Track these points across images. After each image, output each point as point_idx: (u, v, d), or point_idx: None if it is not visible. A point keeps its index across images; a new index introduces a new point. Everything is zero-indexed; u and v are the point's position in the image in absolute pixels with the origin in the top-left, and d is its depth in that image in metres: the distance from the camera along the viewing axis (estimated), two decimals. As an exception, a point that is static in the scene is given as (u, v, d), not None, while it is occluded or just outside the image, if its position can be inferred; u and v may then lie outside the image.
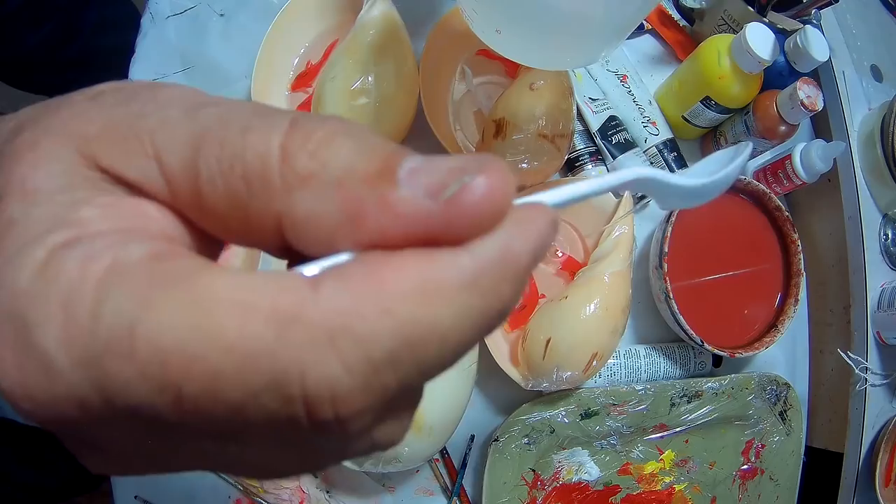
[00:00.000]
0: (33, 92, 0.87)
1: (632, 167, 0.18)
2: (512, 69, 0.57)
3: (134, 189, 0.13)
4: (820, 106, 0.52)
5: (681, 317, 0.53)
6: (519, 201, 0.13)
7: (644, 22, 0.64)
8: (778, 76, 0.55)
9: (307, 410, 0.11)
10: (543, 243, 0.12)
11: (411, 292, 0.11)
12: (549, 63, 0.40)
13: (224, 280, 0.11)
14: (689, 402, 0.55)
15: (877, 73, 0.63)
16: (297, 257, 0.13)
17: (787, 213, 0.57)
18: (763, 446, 0.58)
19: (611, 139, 0.58)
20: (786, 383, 0.58)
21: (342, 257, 0.12)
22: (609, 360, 0.55)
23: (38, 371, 0.11)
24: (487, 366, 0.51)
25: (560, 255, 0.56)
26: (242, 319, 0.10)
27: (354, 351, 0.11)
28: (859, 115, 0.60)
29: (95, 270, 0.11)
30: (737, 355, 0.54)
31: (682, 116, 0.59)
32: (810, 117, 0.61)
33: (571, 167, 0.59)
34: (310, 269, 0.12)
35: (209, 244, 0.14)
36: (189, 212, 0.13)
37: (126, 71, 0.58)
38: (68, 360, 0.11)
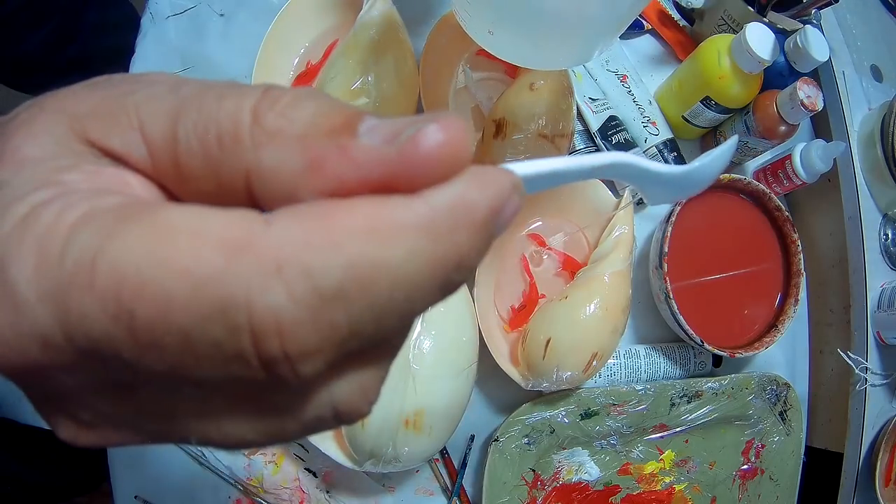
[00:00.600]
0: (33, 94, 0.87)
1: (613, 152, 0.18)
2: (512, 69, 0.57)
3: (119, 161, 0.14)
4: (820, 106, 0.52)
5: (681, 317, 0.53)
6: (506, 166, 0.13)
7: (644, 22, 0.65)
8: (778, 76, 0.55)
9: (253, 341, 0.11)
10: (503, 200, 0.13)
11: (363, 230, 0.11)
12: (544, 63, 0.40)
13: (181, 211, 0.11)
14: (689, 402, 0.55)
15: (877, 73, 0.63)
16: None
17: (787, 213, 0.57)
18: (763, 446, 0.58)
19: (611, 139, 0.58)
20: (786, 383, 0.58)
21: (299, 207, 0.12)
22: (609, 360, 0.55)
23: (7, 307, 0.11)
24: (487, 366, 0.51)
25: (555, 254, 0.56)
26: (194, 245, 0.11)
27: (301, 281, 0.11)
28: (859, 115, 0.60)
29: (71, 216, 0.11)
30: (737, 355, 0.54)
31: (682, 116, 0.59)
32: (810, 117, 0.61)
33: (571, 167, 0.59)
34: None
35: None
36: (167, 181, 0.14)
37: (126, 71, 0.58)
38: (35, 294, 0.11)
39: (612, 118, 0.59)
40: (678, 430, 0.56)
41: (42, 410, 0.14)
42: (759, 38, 0.51)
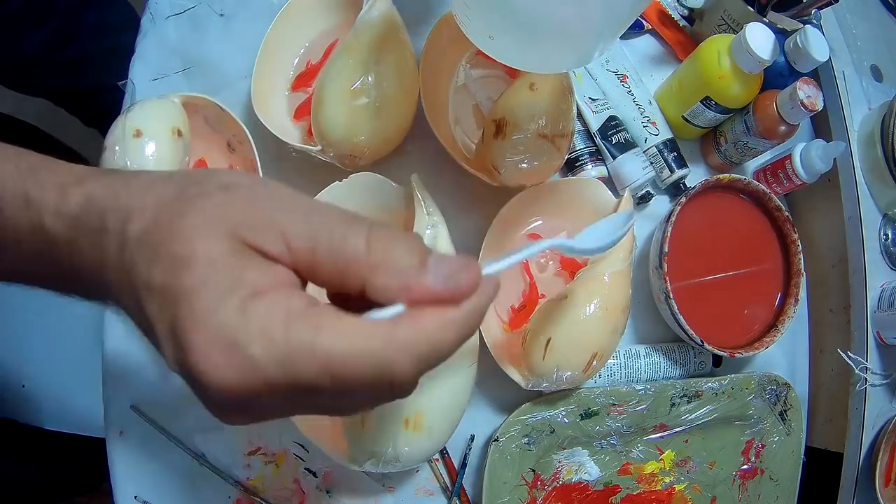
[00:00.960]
0: (32, 94, 0.86)
1: (545, 239, 0.30)
2: (512, 69, 0.57)
3: (269, 257, 0.22)
4: (820, 106, 0.52)
5: (681, 317, 0.53)
6: (484, 270, 0.24)
7: (644, 22, 0.65)
8: (778, 76, 0.55)
9: (391, 380, 0.21)
10: (492, 297, 0.24)
11: (435, 326, 0.22)
12: (544, 66, 0.40)
13: (355, 322, 0.21)
14: (689, 402, 0.55)
15: (877, 73, 0.63)
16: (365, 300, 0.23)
17: (787, 213, 0.57)
18: (763, 446, 0.58)
19: (611, 139, 0.58)
20: (786, 383, 0.58)
21: (398, 307, 0.22)
22: (609, 360, 0.55)
23: (248, 369, 0.20)
24: (487, 366, 0.51)
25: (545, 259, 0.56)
26: (368, 339, 0.21)
27: (414, 353, 0.21)
28: (859, 115, 0.60)
29: (278, 313, 0.20)
30: (737, 355, 0.54)
31: (682, 116, 0.59)
32: (810, 117, 0.61)
33: (571, 167, 0.59)
34: (380, 314, 0.22)
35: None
36: (304, 273, 0.23)
37: (125, 72, 0.58)
38: (270, 361, 0.20)
39: (612, 118, 0.59)
40: (678, 430, 0.56)
41: (220, 415, 0.22)
42: (759, 38, 0.51)
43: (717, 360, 0.59)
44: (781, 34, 0.55)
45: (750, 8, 0.56)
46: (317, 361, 0.20)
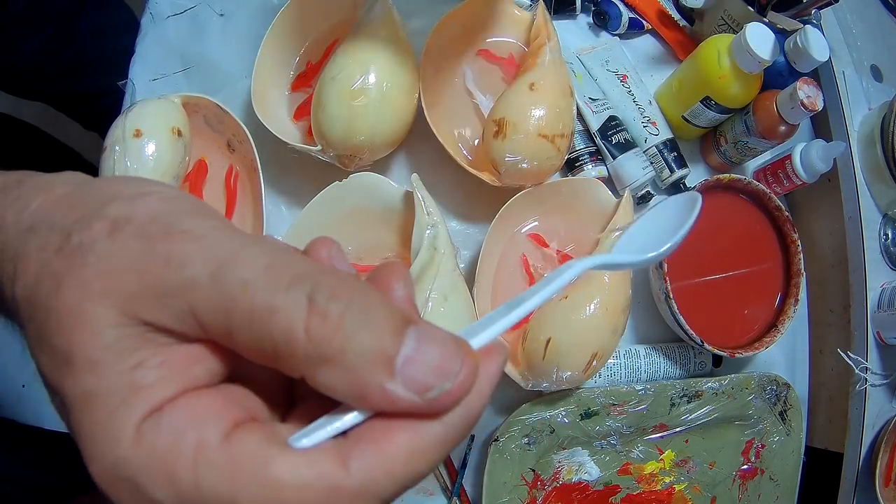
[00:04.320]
0: (31, 98, 0.86)
1: (580, 260, 0.21)
2: (512, 69, 0.57)
3: (173, 335, 0.16)
4: (820, 106, 0.52)
5: (681, 317, 0.53)
6: (479, 337, 0.18)
7: (644, 22, 0.65)
8: (778, 76, 0.55)
9: None
10: (493, 387, 0.18)
11: (404, 458, 0.16)
12: None
13: (286, 468, 0.15)
14: (689, 402, 0.55)
15: (877, 73, 0.63)
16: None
17: (787, 213, 0.57)
18: (763, 446, 0.58)
19: (611, 139, 0.58)
20: (786, 383, 0.58)
21: (352, 416, 0.16)
22: (609, 360, 0.55)
23: None
24: (487, 366, 0.51)
25: (555, 254, 0.56)
26: (302, 497, 0.15)
27: (372, 502, 0.16)
28: (859, 115, 0.60)
29: (185, 450, 0.15)
30: (737, 355, 0.54)
31: (682, 116, 0.59)
32: (810, 117, 0.61)
33: (571, 167, 0.59)
34: (330, 430, 0.16)
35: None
36: (222, 347, 0.17)
37: (124, 75, 0.58)
38: None
39: (612, 118, 0.59)
40: (678, 430, 0.56)
41: None
42: (759, 38, 0.51)
43: (717, 360, 0.59)
44: (781, 34, 0.55)
45: (750, 8, 0.56)
46: None
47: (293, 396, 0.20)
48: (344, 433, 0.17)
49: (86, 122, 0.93)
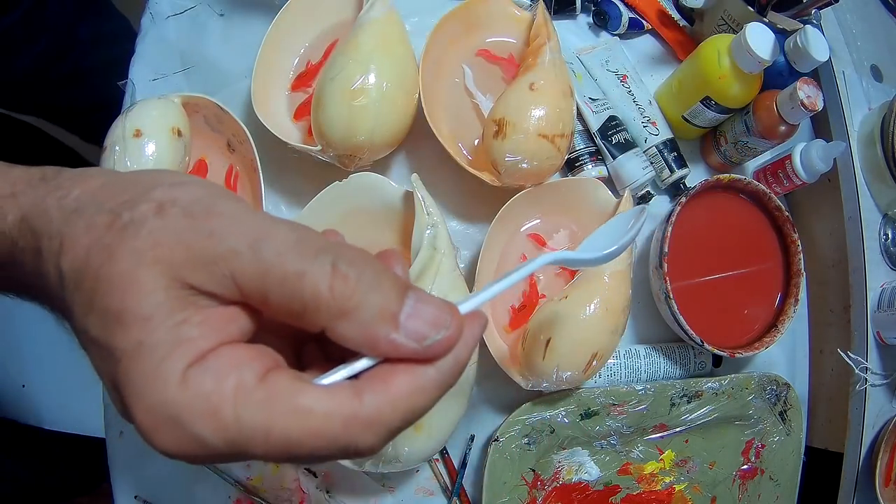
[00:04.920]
0: (26, 112, 0.85)
1: (544, 253, 0.27)
2: (512, 69, 0.57)
3: (214, 297, 0.19)
4: (820, 106, 0.52)
5: (681, 317, 0.53)
6: (464, 305, 0.22)
7: (644, 22, 0.65)
8: (778, 76, 0.55)
9: (355, 454, 0.20)
10: (476, 342, 0.22)
11: (406, 394, 0.20)
12: None
13: (312, 399, 0.19)
14: (689, 402, 0.55)
15: (877, 73, 0.63)
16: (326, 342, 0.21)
17: (787, 213, 0.57)
18: (763, 446, 0.58)
19: (611, 139, 0.58)
20: (786, 383, 0.58)
21: (363, 362, 0.20)
22: (609, 360, 0.55)
23: (196, 446, 0.18)
24: (487, 366, 0.51)
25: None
26: (327, 422, 0.19)
27: (381, 428, 0.19)
28: (859, 115, 0.60)
29: (226, 389, 0.18)
30: (737, 355, 0.54)
31: (682, 116, 0.59)
32: (810, 117, 0.61)
33: (571, 167, 0.59)
34: (345, 372, 0.20)
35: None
36: (258, 308, 0.20)
37: (125, 75, 0.57)
38: (220, 442, 0.18)
39: (612, 118, 0.59)
40: (678, 430, 0.56)
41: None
42: (759, 38, 0.51)
43: (717, 360, 0.59)
44: (781, 34, 0.55)
45: (750, 8, 0.56)
46: (270, 445, 0.18)
47: (302, 362, 0.24)
48: (356, 377, 0.20)
49: (85, 134, 0.92)
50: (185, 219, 0.19)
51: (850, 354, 0.56)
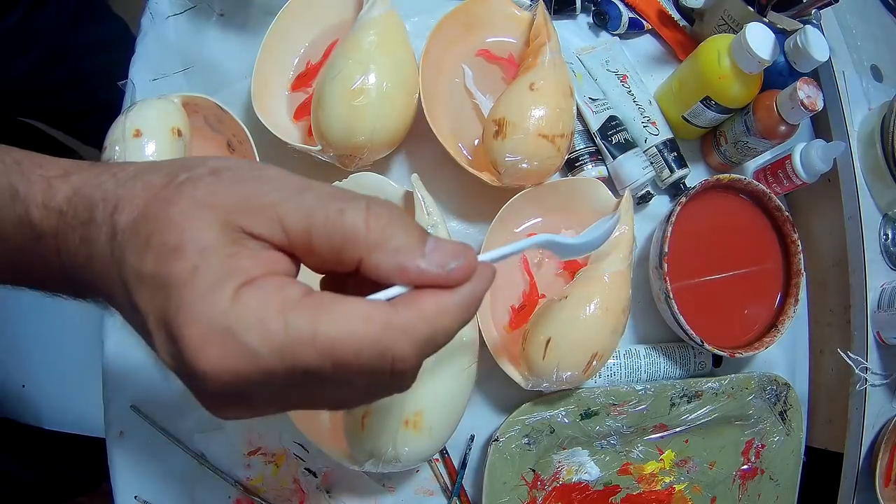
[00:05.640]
0: (24, 117, 0.84)
1: (540, 235, 0.30)
2: (512, 69, 0.57)
3: (263, 240, 0.22)
4: (820, 106, 0.52)
5: (681, 317, 0.53)
6: (480, 257, 0.25)
7: (644, 22, 0.65)
8: (778, 76, 0.55)
9: (392, 365, 0.21)
10: (489, 284, 0.24)
11: (433, 312, 0.22)
12: None
13: (353, 305, 0.21)
14: (689, 402, 0.55)
15: (877, 73, 0.63)
16: (358, 280, 0.23)
17: (787, 213, 0.57)
18: (763, 446, 0.58)
19: (611, 139, 0.58)
20: (786, 383, 0.58)
21: (395, 289, 0.23)
22: (609, 360, 0.55)
23: (244, 358, 0.19)
24: (487, 366, 0.51)
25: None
26: (367, 325, 0.20)
27: (414, 338, 0.21)
28: (859, 115, 0.60)
29: (274, 301, 0.20)
30: (737, 355, 0.54)
31: (682, 116, 0.59)
32: (810, 117, 0.61)
33: (571, 167, 0.59)
34: (378, 295, 0.22)
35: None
36: (299, 254, 0.22)
37: (117, 90, 0.57)
38: (268, 350, 0.19)
39: (612, 118, 0.59)
40: (678, 430, 0.56)
41: (214, 408, 0.22)
42: (759, 38, 0.51)
43: (717, 360, 0.59)
44: (781, 34, 0.55)
45: (750, 8, 0.56)
46: (317, 349, 0.20)
47: None
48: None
49: (84, 138, 0.92)
50: (237, 178, 0.22)
51: (850, 354, 0.56)
